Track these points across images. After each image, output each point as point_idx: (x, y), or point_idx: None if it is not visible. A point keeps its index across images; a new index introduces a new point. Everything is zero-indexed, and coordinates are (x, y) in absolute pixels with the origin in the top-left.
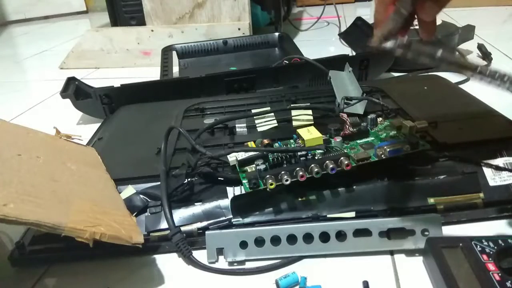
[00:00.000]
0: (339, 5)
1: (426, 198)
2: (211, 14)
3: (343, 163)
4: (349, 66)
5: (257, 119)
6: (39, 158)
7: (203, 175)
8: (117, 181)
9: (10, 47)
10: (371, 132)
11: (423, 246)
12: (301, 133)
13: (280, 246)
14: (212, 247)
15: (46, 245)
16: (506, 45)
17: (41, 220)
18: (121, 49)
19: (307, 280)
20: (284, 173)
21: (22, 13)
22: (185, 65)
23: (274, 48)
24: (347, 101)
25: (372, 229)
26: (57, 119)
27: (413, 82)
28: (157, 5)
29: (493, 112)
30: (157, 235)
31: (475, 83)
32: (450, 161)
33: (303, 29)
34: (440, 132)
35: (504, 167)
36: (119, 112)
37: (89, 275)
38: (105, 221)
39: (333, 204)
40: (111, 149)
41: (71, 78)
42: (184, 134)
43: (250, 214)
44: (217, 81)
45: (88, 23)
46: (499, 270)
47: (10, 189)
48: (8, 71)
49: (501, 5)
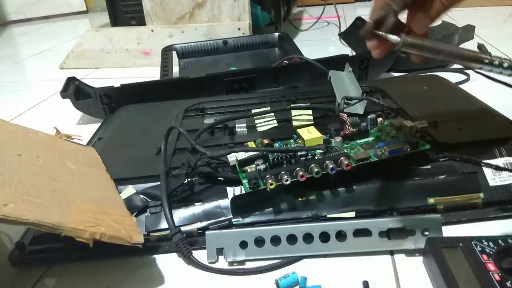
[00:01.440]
0: (339, 5)
1: (426, 198)
2: (211, 14)
3: (343, 163)
4: (349, 66)
5: (257, 119)
6: (39, 158)
7: (203, 175)
8: (117, 181)
9: (10, 47)
10: (371, 132)
11: (423, 246)
12: (301, 133)
13: (280, 246)
14: (212, 247)
15: (46, 245)
16: (506, 45)
17: (41, 220)
18: (121, 49)
19: (307, 280)
20: (284, 173)
21: (22, 13)
22: (185, 65)
23: (274, 48)
24: (347, 101)
25: (372, 229)
26: (57, 119)
27: (413, 82)
28: (157, 5)
29: (493, 112)
30: (157, 235)
31: (475, 83)
32: (450, 161)
33: (303, 29)
34: (440, 132)
35: (504, 167)
36: (119, 112)
37: (89, 275)
38: (105, 221)
39: (333, 204)
40: (111, 149)
41: (71, 78)
42: (184, 134)
43: (250, 214)
44: (217, 81)
45: (88, 23)
46: (499, 270)
47: (10, 189)
48: (8, 71)
49: (501, 5)
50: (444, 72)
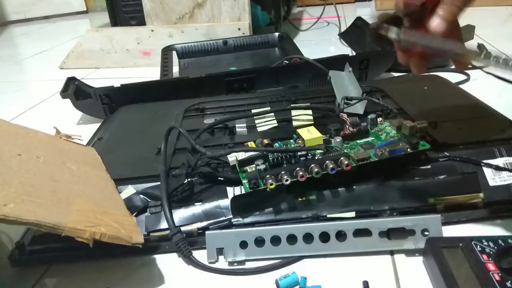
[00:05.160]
0: (339, 5)
1: (426, 198)
2: (211, 14)
3: (343, 163)
4: (349, 66)
5: (257, 119)
6: (39, 158)
7: (203, 175)
8: (117, 181)
9: (10, 47)
10: (371, 132)
11: (423, 246)
12: (301, 133)
13: (280, 246)
14: (212, 247)
15: (46, 245)
16: (506, 45)
17: (41, 220)
18: (121, 49)
19: (307, 280)
20: (284, 173)
21: (22, 13)
22: (185, 65)
23: (274, 48)
24: (347, 101)
25: (372, 229)
26: (57, 119)
27: (413, 82)
28: (157, 5)
29: (493, 112)
30: (157, 235)
31: (475, 83)
32: (450, 161)
33: (303, 29)
34: (440, 132)
35: (504, 167)
36: (119, 112)
37: (89, 275)
38: (105, 221)
39: (333, 204)
40: (111, 149)
41: (71, 78)
42: (184, 134)
43: (250, 214)
44: (217, 81)
45: (88, 23)
46: (499, 270)
47: (10, 189)
48: (8, 71)
49: (501, 5)
50: (444, 72)
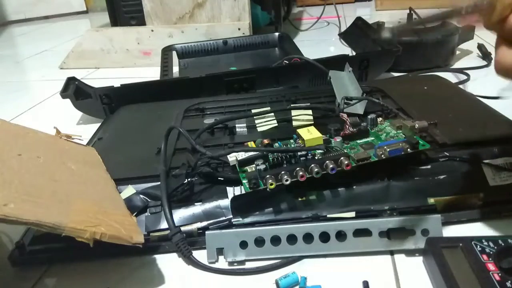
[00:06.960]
0: (339, 5)
1: (426, 198)
2: (211, 14)
3: (343, 163)
4: (349, 66)
5: (257, 119)
6: (39, 158)
7: (203, 175)
8: (117, 181)
9: (10, 47)
10: (371, 132)
11: (423, 246)
12: (301, 133)
13: (280, 246)
14: (212, 247)
15: (46, 245)
16: None
17: (41, 220)
18: (121, 49)
19: (307, 280)
20: (284, 173)
21: (22, 13)
22: (185, 65)
23: (274, 48)
24: (347, 101)
25: (372, 229)
26: (57, 119)
27: (413, 82)
28: (157, 5)
29: (493, 112)
30: (157, 235)
31: (475, 83)
32: (450, 161)
33: (303, 29)
34: (440, 132)
35: (504, 167)
36: (119, 112)
37: (89, 275)
38: (105, 221)
39: (333, 204)
40: (111, 149)
41: (71, 78)
42: (184, 134)
43: (250, 214)
44: (217, 81)
45: (88, 23)
46: (499, 270)
47: (10, 189)
48: (8, 71)
49: None
50: (444, 72)
